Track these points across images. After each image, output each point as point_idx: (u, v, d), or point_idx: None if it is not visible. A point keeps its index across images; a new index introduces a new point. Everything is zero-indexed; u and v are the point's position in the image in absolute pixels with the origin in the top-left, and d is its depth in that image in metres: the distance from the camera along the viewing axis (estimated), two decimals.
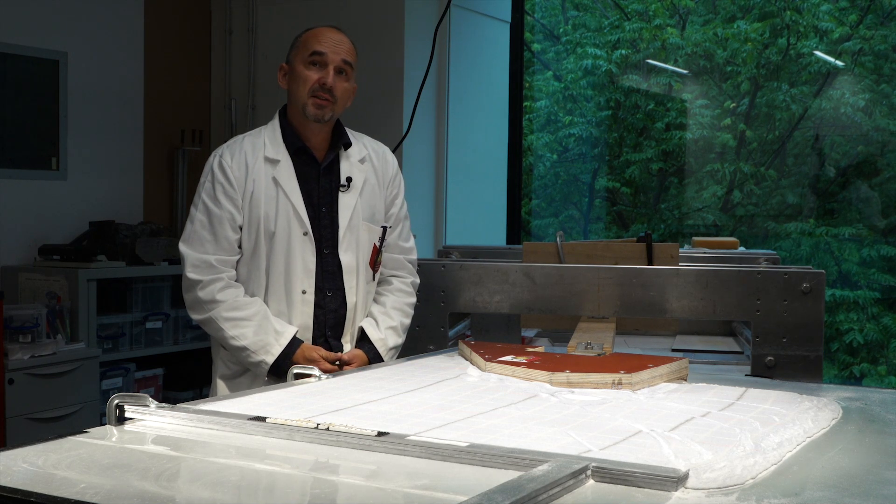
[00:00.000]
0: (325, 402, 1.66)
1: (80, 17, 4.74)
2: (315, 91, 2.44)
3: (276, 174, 2.46)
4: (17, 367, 3.87)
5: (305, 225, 2.44)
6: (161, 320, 4.66)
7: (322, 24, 2.56)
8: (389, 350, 2.52)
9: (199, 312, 2.43)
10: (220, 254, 2.43)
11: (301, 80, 2.46)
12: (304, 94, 2.45)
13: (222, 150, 2.52)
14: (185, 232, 2.47)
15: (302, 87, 2.45)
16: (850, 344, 6.82)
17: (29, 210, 4.52)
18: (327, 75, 2.44)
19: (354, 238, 2.50)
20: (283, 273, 2.44)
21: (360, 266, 2.51)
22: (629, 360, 1.98)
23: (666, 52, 7.80)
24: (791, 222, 7.23)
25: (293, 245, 2.43)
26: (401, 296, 2.60)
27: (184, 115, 5.28)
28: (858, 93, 7.15)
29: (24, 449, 1.31)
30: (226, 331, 2.39)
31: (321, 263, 2.46)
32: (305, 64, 2.46)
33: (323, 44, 2.45)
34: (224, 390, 2.49)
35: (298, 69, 2.47)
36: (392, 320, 2.55)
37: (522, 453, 1.23)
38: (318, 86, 2.44)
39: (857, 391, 1.89)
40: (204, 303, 2.41)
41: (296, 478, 1.24)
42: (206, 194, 2.46)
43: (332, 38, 2.48)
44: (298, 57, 2.48)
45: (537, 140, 8.04)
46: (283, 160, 2.48)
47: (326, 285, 2.47)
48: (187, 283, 2.43)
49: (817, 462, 1.33)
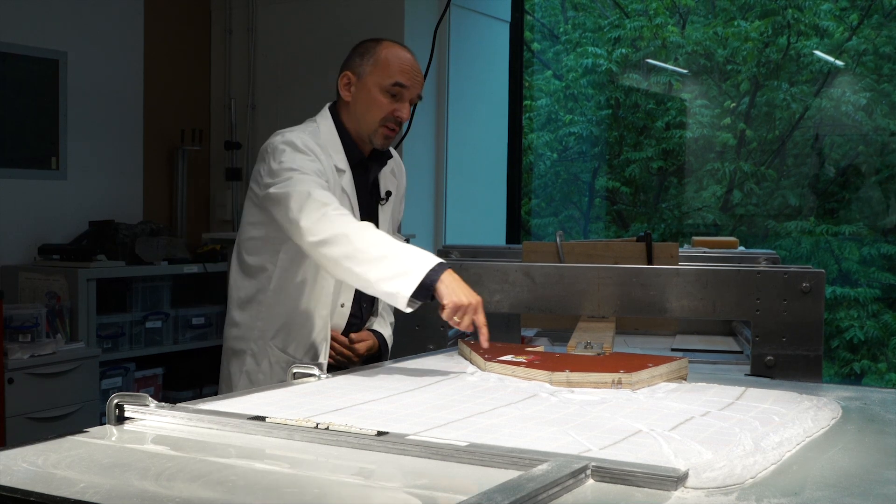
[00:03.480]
0: (324, 401, 1.66)
1: (80, 17, 4.74)
2: (388, 122, 2.39)
3: (345, 185, 2.40)
4: (16, 367, 3.88)
5: None
6: (161, 320, 4.66)
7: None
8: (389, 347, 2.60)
9: (318, 233, 2.11)
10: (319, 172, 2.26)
11: (376, 106, 2.37)
12: (377, 122, 2.38)
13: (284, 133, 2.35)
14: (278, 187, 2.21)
15: (376, 113, 2.37)
16: (851, 341, 6.83)
17: (29, 210, 4.52)
18: (404, 110, 2.38)
19: None
20: (331, 284, 2.39)
21: None
22: (629, 360, 1.98)
23: (666, 50, 7.80)
24: (791, 221, 7.23)
25: None
26: None
27: (184, 114, 5.28)
28: (859, 92, 7.15)
29: (24, 448, 1.31)
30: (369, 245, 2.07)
31: None
32: (383, 91, 2.36)
33: (406, 75, 2.37)
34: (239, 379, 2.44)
35: (374, 94, 2.37)
36: (390, 316, 2.62)
37: (522, 453, 1.23)
38: (392, 117, 2.38)
39: (856, 391, 1.89)
40: (328, 216, 2.13)
41: (295, 477, 1.24)
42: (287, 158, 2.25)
43: (413, 68, 2.40)
44: (374, 78, 2.37)
45: (537, 139, 8.05)
46: (347, 172, 2.42)
47: (363, 297, 2.48)
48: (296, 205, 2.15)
49: (817, 461, 1.33)
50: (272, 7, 5.21)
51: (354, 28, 4.85)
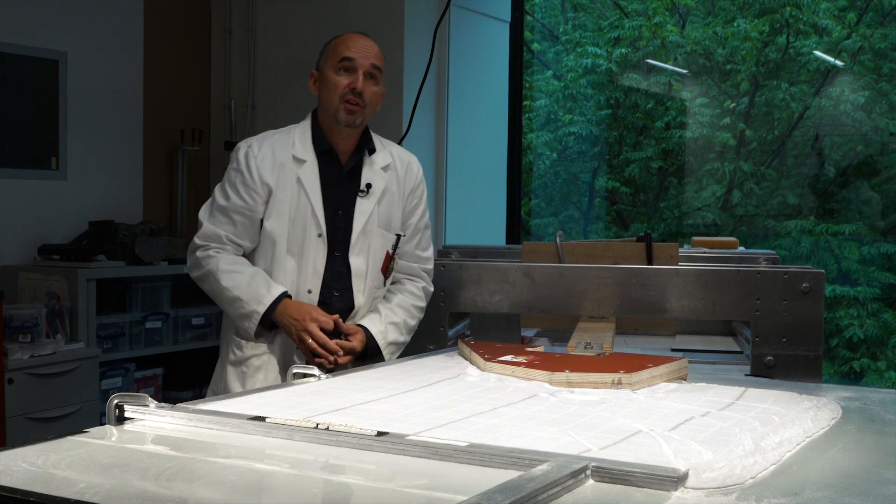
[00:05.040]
0: (324, 401, 1.66)
1: (80, 17, 4.74)
2: (346, 96, 2.48)
3: (301, 174, 2.49)
4: (16, 367, 3.87)
5: (321, 227, 2.48)
6: (161, 320, 4.66)
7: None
8: (389, 345, 2.53)
9: (197, 270, 2.51)
10: (231, 234, 2.49)
11: (332, 86, 2.49)
12: (336, 100, 2.48)
13: (251, 141, 2.56)
14: (206, 205, 2.55)
15: (333, 92, 2.49)
16: (850, 339, 6.83)
17: (29, 210, 4.51)
18: (357, 80, 2.48)
19: (367, 243, 2.53)
20: (294, 271, 2.49)
21: (369, 270, 2.54)
22: (629, 360, 1.98)
23: (666, 50, 7.80)
24: (791, 220, 7.23)
25: (307, 245, 2.48)
26: (409, 297, 2.62)
27: (183, 114, 5.28)
28: (858, 90, 7.15)
29: (24, 449, 1.31)
30: (221, 281, 2.44)
31: (330, 265, 2.50)
32: (335, 70, 2.50)
33: (352, 49, 2.50)
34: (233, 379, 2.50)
35: (328, 75, 2.51)
36: (395, 316, 2.56)
37: (522, 453, 1.23)
38: (348, 91, 2.48)
39: (856, 391, 1.89)
40: (201, 259, 2.48)
41: (295, 477, 1.24)
42: (228, 182, 2.52)
43: (360, 43, 2.52)
44: (328, 63, 2.52)
45: (537, 138, 8.05)
46: (309, 161, 2.52)
47: (334, 286, 2.51)
48: (192, 247, 2.52)
49: (817, 462, 1.33)
50: (272, 7, 5.21)
51: (355, 28, 4.84)
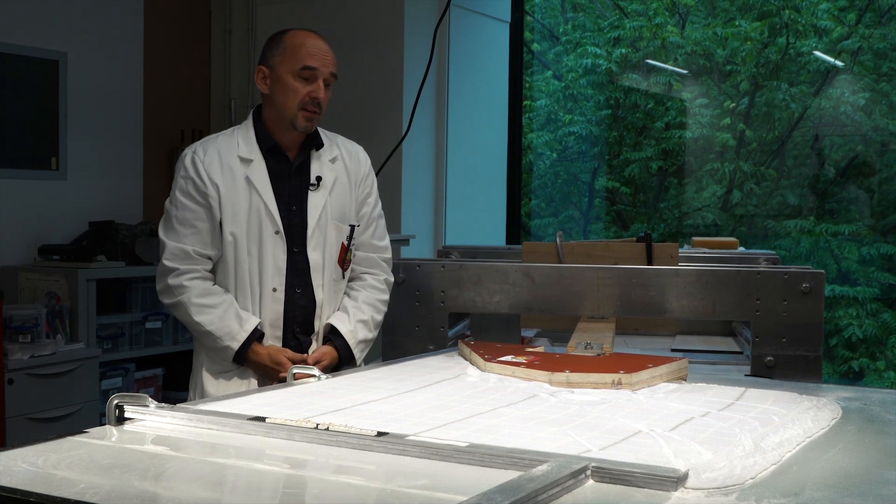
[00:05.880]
0: (324, 402, 1.66)
1: (80, 17, 4.74)
2: (305, 104, 2.47)
3: (249, 173, 2.49)
4: (16, 367, 3.87)
5: (277, 224, 2.48)
6: (161, 320, 4.66)
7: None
8: (359, 343, 2.56)
9: (168, 297, 2.49)
10: (197, 246, 2.47)
11: (291, 92, 2.47)
12: (294, 107, 2.47)
13: (195, 147, 2.54)
14: (163, 223, 2.52)
15: (292, 98, 2.47)
16: (850, 339, 6.83)
17: (29, 210, 4.52)
18: (318, 89, 2.47)
19: (322, 236, 2.54)
20: (255, 271, 2.48)
21: (326, 264, 2.55)
22: (629, 360, 1.98)
23: (666, 50, 7.80)
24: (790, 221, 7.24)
25: (265, 243, 2.48)
26: (373, 292, 2.64)
27: (183, 115, 5.28)
28: (858, 91, 7.16)
29: (24, 449, 1.31)
30: (193, 315, 2.44)
31: (291, 261, 2.51)
32: (295, 76, 2.47)
33: (314, 57, 2.47)
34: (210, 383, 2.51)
35: (287, 80, 2.47)
36: (363, 314, 2.59)
37: (522, 453, 1.23)
38: (308, 99, 2.47)
39: (856, 391, 1.89)
40: (173, 288, 2.46)
41: (295, 478, 1.24)
42: (180, 191, 2.49)
43: (320, 49, 2.50)
44: (285, 66, 2.47)
45: (537, 138, 8.05)
46: (256, 160, 2.51)
47: (296, 282, 2.52)
48: (162, 269, 2.49)
49: (817, 462, 1.33)
50: (272, 7, 5.21)
51: (354, 28, 4.86)
